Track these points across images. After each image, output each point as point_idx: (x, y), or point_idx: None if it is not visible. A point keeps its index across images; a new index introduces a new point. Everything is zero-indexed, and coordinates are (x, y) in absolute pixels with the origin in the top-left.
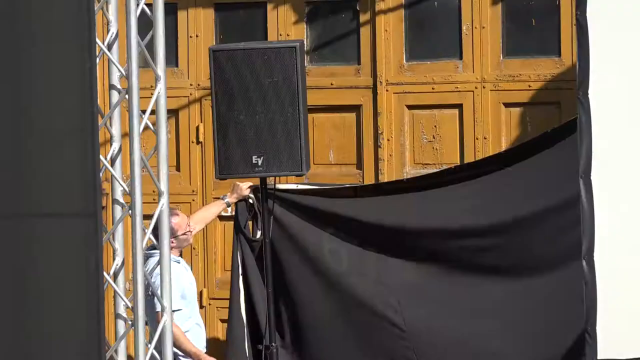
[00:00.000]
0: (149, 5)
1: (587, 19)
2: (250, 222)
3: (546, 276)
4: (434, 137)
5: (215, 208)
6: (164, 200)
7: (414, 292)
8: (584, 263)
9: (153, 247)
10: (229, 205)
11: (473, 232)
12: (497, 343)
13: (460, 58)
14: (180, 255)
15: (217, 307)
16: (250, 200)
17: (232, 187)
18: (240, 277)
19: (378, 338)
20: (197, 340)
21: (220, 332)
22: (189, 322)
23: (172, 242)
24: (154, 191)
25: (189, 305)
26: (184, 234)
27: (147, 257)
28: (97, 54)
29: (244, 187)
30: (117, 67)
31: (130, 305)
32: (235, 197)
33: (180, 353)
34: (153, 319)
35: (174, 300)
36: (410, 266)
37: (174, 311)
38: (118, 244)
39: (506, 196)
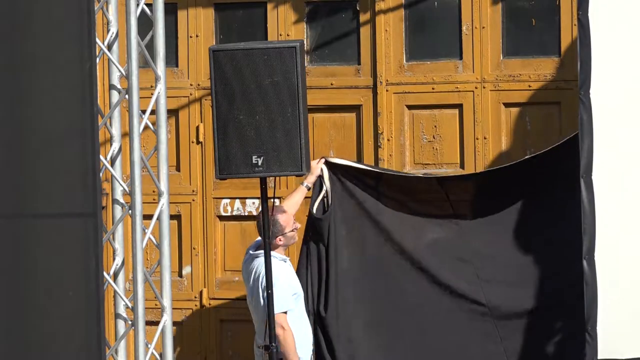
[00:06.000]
0: (149, 5)
1: (588, 19)
2: (322, 199)
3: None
4: (434, 137)
5: (299, 195)
6: (164, 200)
7: (487, 260)
8: (584, 263)
9: (257, 247)
10: (309, 188)
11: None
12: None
13: (460, 58)
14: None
15: (217, 307)
16: (323, 177)
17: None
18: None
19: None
20: (307, 339)
21: (220, 332)
22: (300, 321)
23: (280, 240)
24: (154, 191)
25: (298, 304)
26: (292, 230)
27: (252, 258)
28: (97, 54)
29: (314, 164)
30: (117, 67)
31: (130, 305)
32: (313, 178)
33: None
34: (263, 320)
35: (287, 299)
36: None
37: (285, 312)
38: (118, 244)
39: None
